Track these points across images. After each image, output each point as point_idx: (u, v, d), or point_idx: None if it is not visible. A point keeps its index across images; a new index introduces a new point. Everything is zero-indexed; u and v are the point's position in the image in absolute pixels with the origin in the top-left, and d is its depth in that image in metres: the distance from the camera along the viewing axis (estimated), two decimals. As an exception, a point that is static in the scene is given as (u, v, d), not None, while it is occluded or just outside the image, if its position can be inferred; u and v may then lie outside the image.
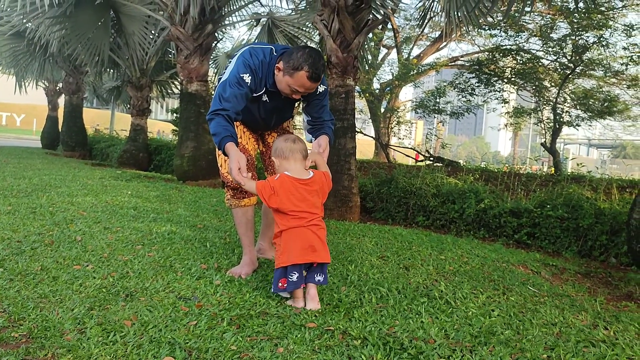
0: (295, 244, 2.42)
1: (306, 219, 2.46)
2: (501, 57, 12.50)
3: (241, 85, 2.69)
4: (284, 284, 2.41)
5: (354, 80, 5.88)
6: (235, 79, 2.69)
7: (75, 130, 13.71)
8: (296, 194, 2.47)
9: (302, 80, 2.62)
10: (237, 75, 2.69)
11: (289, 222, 2.46)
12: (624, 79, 12.83)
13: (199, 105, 8.04)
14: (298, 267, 2.40)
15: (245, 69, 2.70)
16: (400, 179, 6.49)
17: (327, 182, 2.60)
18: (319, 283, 2.47)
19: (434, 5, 8.00)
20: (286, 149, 2.54)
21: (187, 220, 4.41)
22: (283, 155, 2.55)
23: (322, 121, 2.93)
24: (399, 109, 16.95)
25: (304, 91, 2.70)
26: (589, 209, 5.20)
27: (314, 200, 2.52)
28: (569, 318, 2.55)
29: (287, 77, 2.65)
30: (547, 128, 12.14)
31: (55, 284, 2.50)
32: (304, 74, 2.60)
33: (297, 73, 2.61)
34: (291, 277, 2.40)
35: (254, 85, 2.74)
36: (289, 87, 2.68)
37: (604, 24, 10.64)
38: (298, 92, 2.71)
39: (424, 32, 17.20)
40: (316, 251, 2.43)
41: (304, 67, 2.59)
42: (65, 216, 4.09)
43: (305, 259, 2.41)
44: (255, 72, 2.72)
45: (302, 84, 2.64)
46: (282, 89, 2.73)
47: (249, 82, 2.70)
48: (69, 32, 9.41)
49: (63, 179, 6.58)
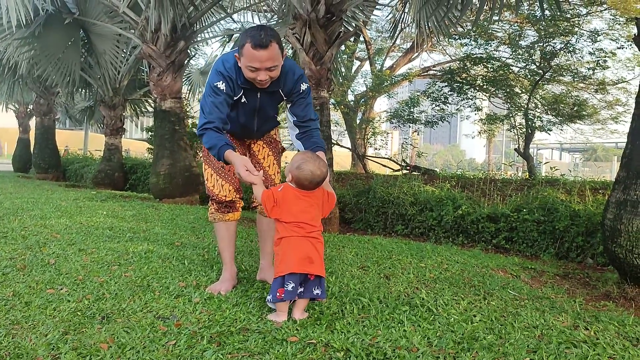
0: (293, 253, 2.41)
1: (305, 230, 2.46)
2: (472, 65, 12.68)
3: (217, 93, 2.71)
4: (281, 294, 2.38)
5: (328, 92, 5.90)
6: (210, 89, 2.73)
7: (48, 152, 13.48)
8: (298, 205, 2.48)
9: (250, 53, 2.59)
10: (212, 85, 2.73)
11: (289, 230, 2.46)
12: (592, 84, 13.13)
13: (174, 122, 7.98)
14: (295, 277, 2.38)
15: (217, 77, 2.73)
16: (378, 188, 6.51)
17: (328, 201, 2.60)
18: (318, 297, 2.45)
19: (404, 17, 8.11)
20: (305, 185, 2.49)
21: (165, 238, 4.34)
22: (300, 185, 2.50)
23: (309, 120, 2.91)
24: (374, 120, 17.06)
25: (260, 66, 2.61)
26: (564, 211, 5.28)
27: (314, 214, 2.52)
28: (550, 320, 2.56)
29: (242, 60, 2.65)
30: (520, 134, 12.33)
31: (27, 310, 2.42)
32: (248, 45, 2.58)
33: (244, 49, 2.61)
34: (287, 286, 2.37)
35: (230, 91, 2.75)
36: (247, 69, 2.65)
37: (570, 31, 10.91)
38: (259, 71, 2.63)
39: (396, 43, 17.40)
40: (313, 263, 2.42)
41: (246, 40, 2.60)
42: (38, 239, 3.99)
43: (303, 269, 2.39)
44: (229, 77, 2.74)
45: (252, 57, 2.60)
46: (248, 76, 2.70)
47: (223, 88, 2.72)
48: (38, 53, 9.27)
49: (36, 202, 6.43)
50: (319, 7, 5.65)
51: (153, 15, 7.43)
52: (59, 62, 9.40)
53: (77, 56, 9.68)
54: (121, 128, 11.31)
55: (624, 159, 3.75)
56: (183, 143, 8.08)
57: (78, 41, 9.80)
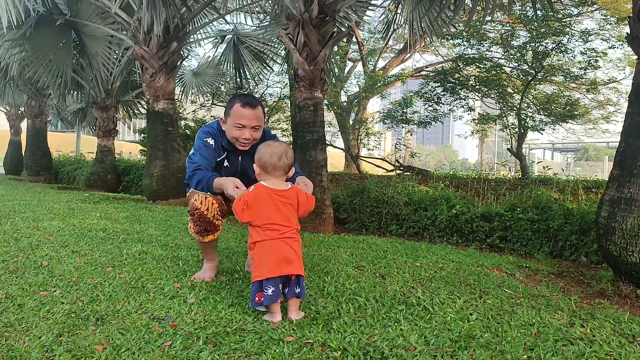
0: (269, 257, 2.39)
1: (279, 231, 2.43)
2: (464, 65, 12.71)
3: (207, 146, 2.94)
4: (260, 298, 2.37)
5: (321, 92, 5.90)
6: (200, 143, 2.95)
7: (39, 155, 13.39)
8: (270, 205, 2.45)
9: (239, 111, 2.88)
10: (202, 140, 2.96)
11: (263, 234, 2.43)
12: (583, 84, 13.21)
13: (167, 123, 7.95)
14: (273, 281, 2.36)
15: (206, 135, 2.98)
16: (372, 189, 6.51)
17: (306, 201, 2.57)
18: (299, 296, 2.43)
19: (397, 18, 8.12)
20: (269, 165, 2.51)
21: (159, 239, 4.32)
22: (265, 168, 2.52)
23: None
24: (367, 121, 17.08)
25: (246, 123, 2.88)
26: (558, 210, 5.30)
27: (288, 213, 2.49)
28: (546, 318, 2.56)
29: (228, 119, 2.93)
30: (513, 133, 12.38)
31: (21, 312, 2.40)
32: (237, 105, 2.89)
33: (232, 109, 2.90)
34: (266, 290, 2.36)
35: (216, 148, 2.98)
36: (234, 127, 2.90)
37: (562, 31, 10.96)
38: (244, 129, 2.89)
39: (389, 44, 17.44)
40: (291, 263, 2.40)
41: (235, 101, 2.92)
42: (31, 241, 3.96)
43: (280, 272, 2.37)
44: (215, 135, 2.99)
45: (240, 115, 2.88)
46: (232, 136, 2.93)
47: (212, 144, 2.96)
48: (29, 55, 9.20)
49: (28, 204, 6.39)
50: (312, 7, 5.65)
51: (145, 16, 7.40)
52: (51, 64, 9.33)
53: (68, 58, 9.61)
54: (114, 130, 11.25)
55: (617, 157, 3.77)
56: (176, 144, 8.04)
57: (70, 42, 9.74)
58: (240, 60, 10.58)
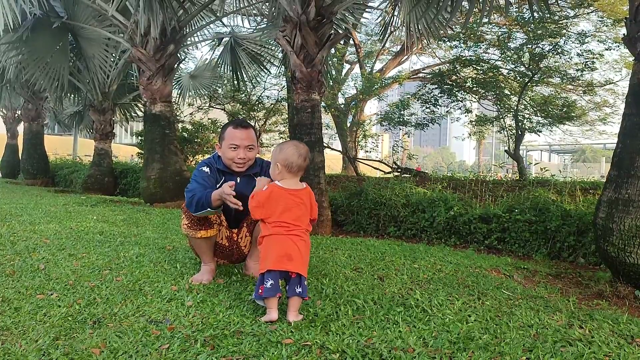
0: (272, 250, 2.45)
1: (287, 229, 2.49)
2: (462, 67, 12.72)
3: (202, 174, 3.05)
4: (262, 291, 2.41)
5: (319, 94, 5.89)
6: (196, 174, 3.07)
7: (36, 158, 13.37)
8: (282, 204, 2.52)
9: (232, 133, 3.05)
10: (198, 171, 3.09)
11: (271, 229, 2.50)
12: (580, 85, 13.24)
13: (164, 126, 7.94)
14: (274, 274, 2.40)
15: (202, 165, 3.13)
16: (370, 190, 6.50)
17: (314, 204, 2.69)
18: (300, 295, 2.43)
19: (394, 20, 8.13)
20: (296, 165, 2.60)
21: (156, 242, 4.30)
22: (290, 168, 2.59)
23: None
24: (364, 123, 17.09)
25: (240, 143, 3.03)
26: (556, 211, 5.30)
27: (300, 213, 2.55)
28: (545, 319, 2.56)
29: (223, 143, 3.09)
30: (510, 135, 12.39)
31: (17, 315, 2.38)
32: (230, 127, 3.09)
33: (226, 132, 3.08)
34: (266, 283, 2.39)
35: (213, 173, 3.09)
36: (229, 149, 3.04)
37: (558, 33, 10.99)
38: (239, 149, 3.03)
39: (386, 46, 17.46)
40: (292, 260, 2.43)
41: (228, 126, 3.13)
42: (28, 245, 3.94)
43: (280, 266, 2.41)
44: (210, 163, 3.13)
45: (233, 135, 3.05)
46: (228, 158, 3.07)
47: (208, 171, 3.09)
48: (26, 57, 9.18)
49: (24, 207, 6.37)
50: (309, 10, 5.65)
51: (142, 19, 7.38)
52: (47, 67, 9.31)
53: (65, 60, 9.59)
54: (111, 133, 11.24)
55: (614, 158, 3.77)
56: (173, 147, 8.03)
57: (66, 45, 9.72)
58: (238, 62, 10.58)
